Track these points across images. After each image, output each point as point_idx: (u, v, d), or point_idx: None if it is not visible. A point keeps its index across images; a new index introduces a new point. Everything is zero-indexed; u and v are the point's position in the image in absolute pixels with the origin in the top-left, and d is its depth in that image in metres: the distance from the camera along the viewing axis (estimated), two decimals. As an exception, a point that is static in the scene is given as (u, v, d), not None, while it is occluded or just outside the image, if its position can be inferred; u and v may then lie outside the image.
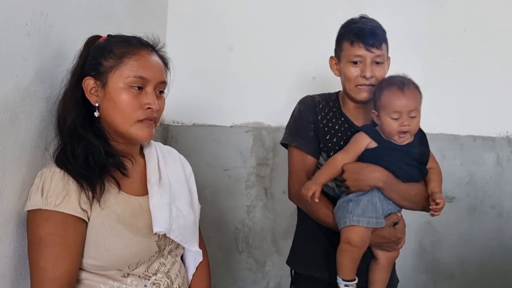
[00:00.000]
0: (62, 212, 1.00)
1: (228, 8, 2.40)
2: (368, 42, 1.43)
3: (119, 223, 1.06)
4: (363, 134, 1.41)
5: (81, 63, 1.12)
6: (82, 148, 1.07)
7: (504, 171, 2.36)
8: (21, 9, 1.03)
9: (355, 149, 1.40)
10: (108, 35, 1.16)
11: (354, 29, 1.46)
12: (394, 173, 1.37)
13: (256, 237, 2.39)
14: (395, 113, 1.34)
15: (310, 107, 1.56)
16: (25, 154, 1.08)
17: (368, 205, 1.37)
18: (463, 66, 2.34)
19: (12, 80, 1.01)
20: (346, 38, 1.47)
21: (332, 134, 1.53)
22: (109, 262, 1.06)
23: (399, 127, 1.34)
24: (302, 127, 1.55)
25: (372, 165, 1.38)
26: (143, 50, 1.12)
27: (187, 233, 1.21)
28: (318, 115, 1.54)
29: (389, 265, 1.47)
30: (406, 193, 1.41)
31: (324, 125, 1.53)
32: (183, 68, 2.40)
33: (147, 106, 1.09)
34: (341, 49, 1.49)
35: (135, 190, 1.15)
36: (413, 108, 1.35)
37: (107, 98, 1.09)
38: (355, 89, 1.47)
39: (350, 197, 1.40)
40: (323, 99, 1.58)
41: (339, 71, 1.53)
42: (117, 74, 1.08)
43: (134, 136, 1.11)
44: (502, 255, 2.36)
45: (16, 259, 1.06)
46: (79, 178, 1.03)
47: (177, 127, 2.43)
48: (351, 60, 1.45)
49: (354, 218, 1.35)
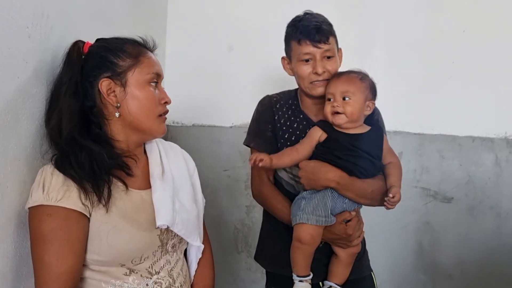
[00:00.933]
0: (64, 207, 1.01)
1: (227, 9, 2.40)
2: (315, 38, 1.43)
3: (121, 218, 1.07)
4: (315, 127, 1.45)
5: (77, 69, 1.11)
6: (85, 156, 1.07)
7: (503, 172, 2.37)
8: (22, 11, 1.04)
9: (308, 143, 1.44)
10: (98, 39, 1.17)
11: (300, 27, 1.46)
12: (348, 170, 1.39)
13: (256, 237, 2.38)
14: (329, 94, 1.41)
15: (267, 108, 1.58)
16: (26, 156, 1.09)
17: (318, 204, 1.40)
18: (462, 67, 2.34)
19: (13, 82, 1.02)
20: (293, 37, 1.48)
21: (290, 132, 1.54)
22: (111, 257, 1.07)
23: (331, 108, 1.39)
24: (259, 128, 1.57)
25: (327, 165, 1.40)
26: (147, 49, 1.19)
27: (190, 227, 1.21)
28: (275, 114, 1.56)
29: (348, 260, 1.48)
30: (362, 190, 1.42)
31: (282, 124, 1.55)
32: (183, 69, 2.43)
33: (163, 101, 1.16)
34: (290, 49, 1.50)
35: (137, 184, 1.16)
36: (344, 90, 1.39)
37: (130, 96, 1.11)
38: (310, 86, 1.47)
39: (304, 194, 1.43)
40: (281, 98, 1.60)
41: (291, 70, 1.53)
42: (137, 72, 1.12)
43: (156, 131, 1.17)
44: (500, 255, 2.37)
45: (17, 259, 1.07)
46: (84, 183, 1.04)
47: (176, 127, 2.44)
48: (301, 59, 1.46)
49: (304, 216, 1.38)
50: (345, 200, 1.43)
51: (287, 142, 1.53)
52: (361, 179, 1.41)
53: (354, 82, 1.41)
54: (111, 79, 1.10)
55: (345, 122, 1.40)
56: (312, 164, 1.41)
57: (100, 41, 1.17)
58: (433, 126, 2.37)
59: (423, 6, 2.35)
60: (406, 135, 2.38)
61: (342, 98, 1.39)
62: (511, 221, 2.36)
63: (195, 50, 2.40)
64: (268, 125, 1.56)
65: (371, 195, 1.43)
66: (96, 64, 1.11)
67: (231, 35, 2.40)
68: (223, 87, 2.42)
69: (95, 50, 1.13)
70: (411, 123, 2.38)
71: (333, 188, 1.40)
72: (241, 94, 2.38)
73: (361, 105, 1.40)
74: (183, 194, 1.23)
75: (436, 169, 2.38)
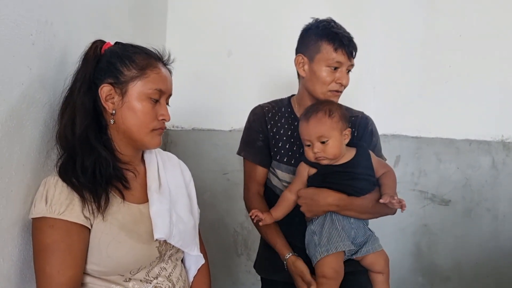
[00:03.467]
0: (66, 220, 1.03)
1: (227, 14, 2.43)
2: (350, 50, 1.44)
3: (121, 230, 1.08)
4: (302, 164, 1.45)
5: (91, 68, 1.12)
6: (91, 161, 1.08)
7: (500, 175, 2.39)
8: (26, 19, 1.05)
9: (299, 180, 1.44)
10: (117, 42, 1.17)
11: (339, 34, 1.43)
12: (346, 192, 1.39)
13: (255, 240, 2.40)
14: (306, 141, 1.41)
15: (259, 117, 1.56)
16: (30, 161, 1.10)
17: (330, 231, 1.40)
18: (458, 71, 2.38)
19: (18, 89, 1.04)
20: (328, 41, 1.43)
21: (284, 141, 1.53)
22: (111, 268, 1.08)
23: (313, 154, 1.39)
24: (250, 137, 1.56)
25: (325, 190, 1.39)
26: (159, 63, 1.17)
27: (187, 238, 1.23)
28: (268, 124, 1.55)
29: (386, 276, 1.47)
30: (363, 207, 1.41)
31: (275, 133, 1.54)
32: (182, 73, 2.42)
33: (162, 118, 1.14)
34: (319, 51, 1.44)
35: (136, 197, 1.17)
36: (319, 135, 1.38)
37: (126, 106, 1.11)
38: (329, 94, 1.46)
39: (313, 228, 1.43)
40: (273, 107, 1.58)
41: (307, 71, 1.48)
42: (139, 85, 1.11)
43: (148, 144, 1.16)
44: (497, 257, 2.39)
45: (21, 262, 1.09)
46: (84, 192, 1.05)
47: (176, 131, 2.46)
48: (331, 65, 1.43)
49: (323, 249, 1.37)
50: (350, 220, 1.43)
51: (281, 150, 1.53)
52: (360, 197, 1.40)
53: (325, 122, 1.38)
54: (113, 85, 1.11)
55: (330, 161, 1.41)
56: (311, 191, 1.41)
57: (116, 45, 1.17)
58: (431, 129, 2.40)
59: (420, 11, 2.38)
60: (404, 138, 2.40)
61: (320, 142, 1.39)
62: (508, 223, 2.38)
63: (195, 55, 2.42)
64: (259, 134, 1.55)
65: (373, 209, 1.42)
66: (104, 68, 1.12)
67: (230, 40, 2.43)
68: (223, 92, 2.44)
69: (108, 53, 1.14)
70: (409, 126, 2.41)
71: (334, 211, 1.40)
72: (240, 98, 2.40)
73: (339, 141, 1.40)
74: (180, 205, 1.25)
75: (434, 172, 2.41)
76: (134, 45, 1.17)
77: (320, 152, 1.38)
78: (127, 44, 1.17)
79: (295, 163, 1.51)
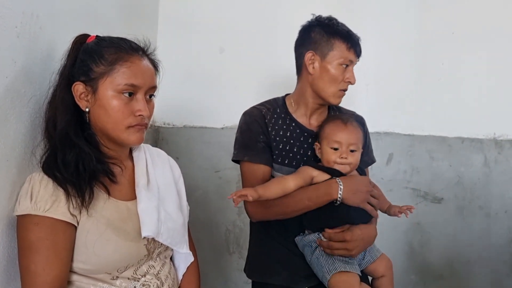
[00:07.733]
0: (51, 217, 1.00)
1: (218, 10, 2.41)
2: (357, 49, 1.45)
3: (108, 228, 1.06)
4: (308, 167, 1.42)
5: (70, 64, 1.10)
6: (73, 155, 1.06)
7: (492, 172, 2.39)
8: (11, 10, 1.03)
9: (301, 179, 1.40)
10: (96, 36, 1.14)
11: (351, 34, 1.44)
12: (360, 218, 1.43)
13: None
14: (336, 143, 1.40)
15: (258, 119, 1.49)
16: (15, 156, 1.08)
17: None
18: (451, 69, 2.37)
19: (2, 82, 1.01)
20: (341, 39, 1.42)
21: (285, 142, 1.49)
22: (98, 266, 1.06)
23: (340, 159, 1.39)
24: (251, 139, 1.48)
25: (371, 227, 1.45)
26: (134, 55, 1.10)
27: (176, 235, 1.21)
28: (268, 126, 1.49)
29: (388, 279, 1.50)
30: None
31: (275, 135, 1.49)
32: (174, 70, 2.42)
33: (138, 113, 1.09)
34: (331, 48, 1.42)
35: (123, 194, 1.15)
36: (352, 142, 1.40)
37: (98, 104, 1.08)
38: (338, 93, 1.45)
39: (317, 255, 1.41)
40: (269, 109, 1.52)
41: (317, 69, 1.45)
42: (108, 81, 1.07)
43: (126, 141, 1.12)
44: (490, 255, 2.39)
45: (5, 260, 1.06)
46: (67, 186, 1.03)
47: (167, 128, 2.43)
48: (343, 63, 1.42)
49: (331, 268, 1.37)
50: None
51: (283, 152, 1.48)
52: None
53: (359, 133, 1.43)
54: (85, 83, 1.08)
55: (349, 171, 1.42)
56: (359, 232, 1.39)
57: (93, 40, 1.13)
58: (423, 127, 2.40)
59: (413, 8, 2.38)
60: (397, 136, 2.40)
61: (350, 150, 1.40)
62: (500, 221, 2.39)
63: (186, 52, 2.40)
64: (260, 135, 1.48)
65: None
66: (78, 65, 1.09)
67: (222, 36, 2.41)
68: (214, 89, 2.42)
69: (82, 49, 1.11)
70: (402, 124, 2.40)
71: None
72: (232, 95, 2.39)
73: (360, 154, 1.45)
74: (168, 202, 1.22)
75: (426, 169, 2.40)
76: (112, 38, 1.13)
77: (347, 159, 1.39)
78: (105, 37, 1.14)
79: (296, 165, 1.48)
